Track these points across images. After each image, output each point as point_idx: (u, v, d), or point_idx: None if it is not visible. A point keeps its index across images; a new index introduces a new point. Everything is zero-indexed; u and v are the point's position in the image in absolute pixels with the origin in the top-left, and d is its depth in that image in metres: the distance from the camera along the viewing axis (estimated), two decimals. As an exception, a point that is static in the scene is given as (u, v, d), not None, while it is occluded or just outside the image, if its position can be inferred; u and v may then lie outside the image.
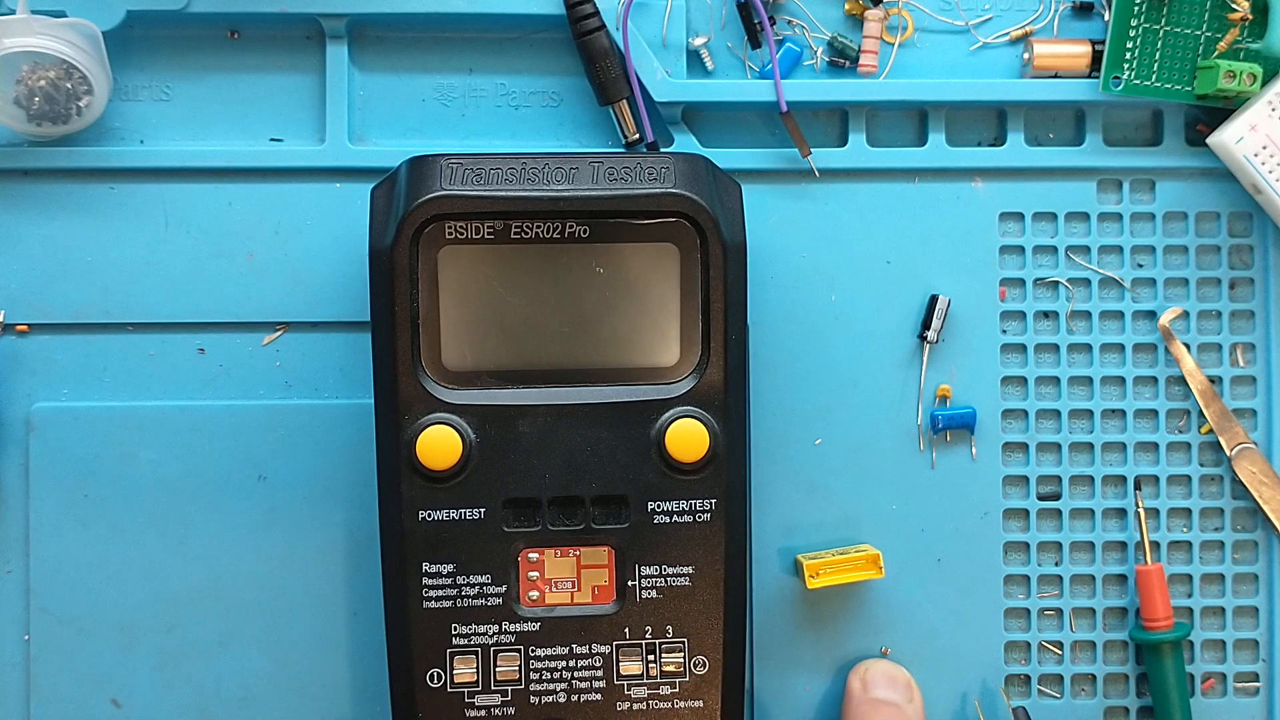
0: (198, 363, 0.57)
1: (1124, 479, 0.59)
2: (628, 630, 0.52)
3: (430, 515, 0.51)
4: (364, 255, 0.52)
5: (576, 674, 0.52)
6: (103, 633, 0.57)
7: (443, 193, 0.51)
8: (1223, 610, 0.59)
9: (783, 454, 0.58)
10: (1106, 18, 0.59)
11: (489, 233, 0.52)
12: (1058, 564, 0.59)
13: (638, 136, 0.58)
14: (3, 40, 0.53)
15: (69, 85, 0.54)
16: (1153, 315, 0.59)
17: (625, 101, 0.58)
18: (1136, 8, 0.58)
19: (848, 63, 0.59)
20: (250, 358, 0.58)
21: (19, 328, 0.57)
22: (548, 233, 0.52)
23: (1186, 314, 0.60)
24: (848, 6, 0.59)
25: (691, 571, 0.52)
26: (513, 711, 0.52)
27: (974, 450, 0.59)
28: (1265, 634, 0.60)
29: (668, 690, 0.52)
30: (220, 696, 0.57)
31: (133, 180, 0.57)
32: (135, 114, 0.58)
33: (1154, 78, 0.58)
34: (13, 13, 0.54)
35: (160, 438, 0.57)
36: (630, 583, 0.52)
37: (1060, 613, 0.59)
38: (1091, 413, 0.59)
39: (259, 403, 0.57)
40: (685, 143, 0.58)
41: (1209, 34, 0.58)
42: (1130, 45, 0.58)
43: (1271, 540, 0.59)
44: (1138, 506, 0.59)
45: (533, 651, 0.52)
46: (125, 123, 0.58)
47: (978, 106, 0.59)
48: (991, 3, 0.60)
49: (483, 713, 0.52)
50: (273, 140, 0.58)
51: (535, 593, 0.52)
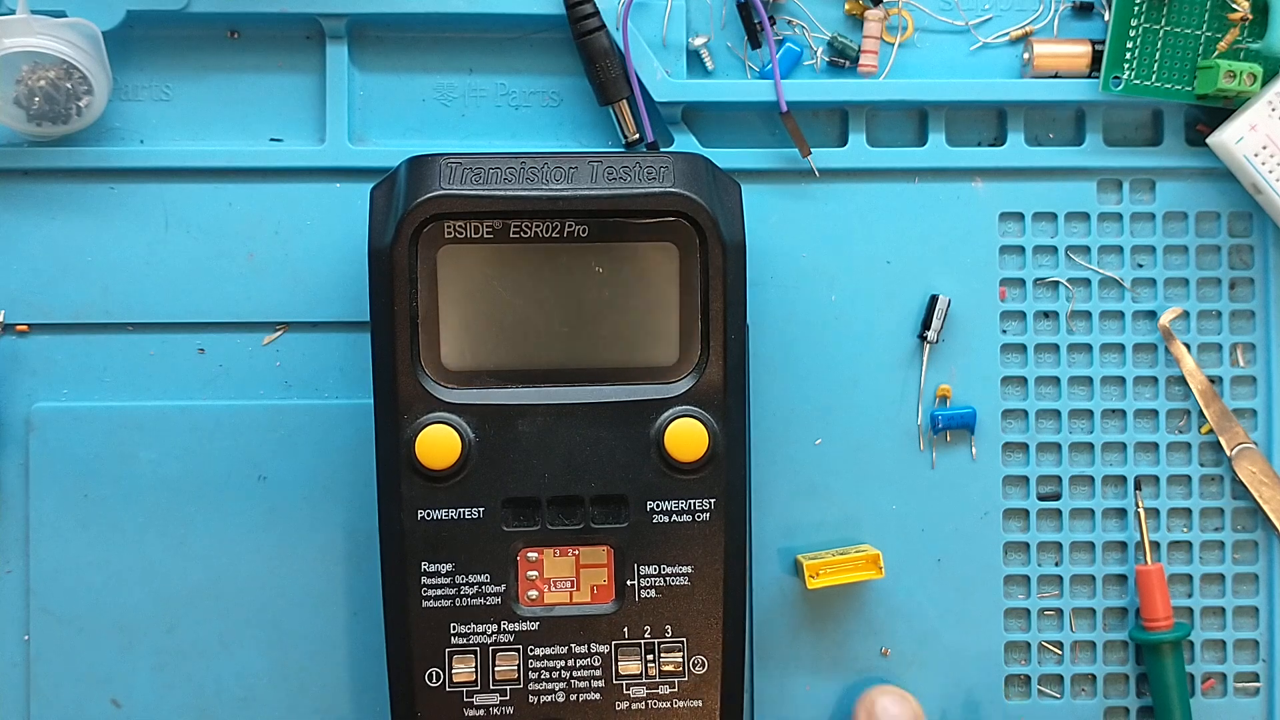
0: (198, 363, 0.57)
1: (1124, 479, 0.59)
2: (627, 630, 0.52)
3: (429, 515, 0.51)
4: (364, 255, 0.52)
5: (575, 673, 0.52)
6: (103, 633, 0.57)
7: (442, 192, 0.51)
8: (1223, 610, 0.59)
9: (783, 454, 0.58)
10: (1106, 18, 0.59)
11: (488, 232, 0.51)
12: (1058, 564, 0.59)
13: (638, 136, 0.58)
14: (3, 40, 0.53)
15: (69, 85, 0.54)
16: (1153, 315, 0.59)
17: (625, 101, 0.58)
18: (1136, 8, 0.58)
19: (848, 63, 0.59)
20: (250, 358, 0.58)
21: (19, 328, 0.57)
22: (547, 232, 0.52)
23: (1186, 314, 0.59)
24: (848, 6, 0.59)
25: (691, 571, 0.52)
26: (511, 711, 0.52)
27: (974, 450, 0.59)
28: (1265, 634, 0.59)
29: (667, 690, 0.52)
30: (220, 696, 0.57)
31: (133, 180, 0.57)
32: (135, 114, 0.58)
33: (1154, 78, 0.58)
34: (13, 13, 0.54)
35: (160, 438, 0.57)
36: (629, 582, 0.52)
37: (1060, 613, 0.59)
38: (1091, 413, 0.59)
39: (259, 403, 0.57)
40: (685, 143, 0.58)
41: (1209, 34, 0.58)
42: (1130, 45, 0.58)
43: (1271, 540, 0.59)
44: (1138, 506, 0.59)
45: (531, 651, 0.52)
46: (125, 123, 0.58)
47: (978, 106, 0.59)
48: (991, 3, 0.60)
49: (481, 712, 0.52)
50: (273, 140, 0.58)
51: (534, 592, 0.52)
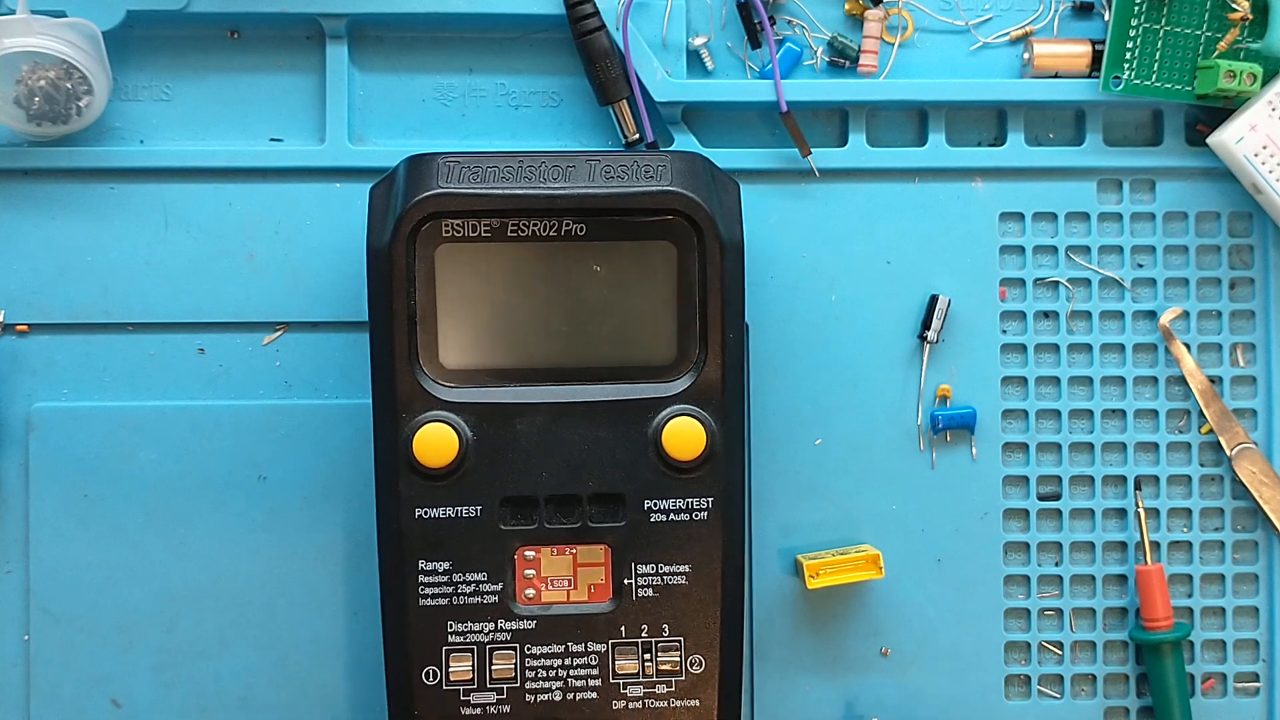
0: (198, 363, 0.57)
1: (1124, 479, 0.59)
2: (624, 629, 0.52)
3: (427, 513, 0.51)
4: (363, 255, 0.52)
5: (572, 672, 0.52)
6: (103, 633, 0.57)
7: (440, 190, 0.51)
8: (1223, 610, 0.59)
9: (782, 454, 0.58)
10: (1106, 18, 0.59)
11: (486, 231, 0.51)
12: (1058, 564, 0.59)
13: (638, 136, 0.58)
14: (3, 40, 0.54)
15: (69, 85, 0.55)
16: (1153, 315, 0.59)
17: (625, 101, 0.58)
18: (1136, 8, 0.58)
19: (848, 63, 0.59)
20: (250, 358, 0.58)
21: (19, 328, 0.57)
22: (545, 231, 0.52)
23: (1186, 314, 0.59)
24: (848, 6, 0.59)
25: (688, 570, 0.52)
26: (508, 709, 0.52)
27: (974, 450, 0.59)
28: (1265, 634, 0.59)
29: (664, 689, 0.52)
30: (220, 696, 0.57)
31: (133, 180, 0.57)
32: (135, 114, 0.58)
33: (1154, 78, 0.58)
34: (13, 13, 0.54)
35: (160, 438, 0.57)
36: (627, 581, 0.52)
37: (1060, 613, 0.59)
38: (1091, 413, 0.59)
39: (259, 403, 0.57)
40: (685, 142, 0.58)
41: (1209, 34, 0.58)
42: (1130, 45, 0.58)
43: (1271, 540, 0.59)
44: (1138, 506, 0.58)
45: (528, 649, 0.52)
46: (125, 123, 0.58)
47: (978, 106, 0.59)
48: (991, 3, 0.60)
49: (478, 710, 0.52)
50: (273, 140, 0.58)
51: (531, 591, 0.52)
